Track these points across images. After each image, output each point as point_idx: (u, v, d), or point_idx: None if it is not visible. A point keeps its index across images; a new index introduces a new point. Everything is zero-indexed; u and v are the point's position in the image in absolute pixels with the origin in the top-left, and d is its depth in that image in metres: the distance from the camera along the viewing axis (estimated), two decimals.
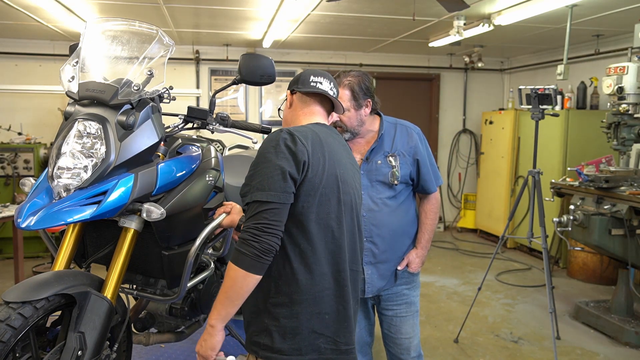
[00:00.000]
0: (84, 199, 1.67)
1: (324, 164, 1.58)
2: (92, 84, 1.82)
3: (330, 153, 1.63)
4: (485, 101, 7.35)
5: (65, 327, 1.64)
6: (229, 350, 2.87)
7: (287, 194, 1.51)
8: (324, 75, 1.78)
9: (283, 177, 1.50)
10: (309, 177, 1.55)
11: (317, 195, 1.56)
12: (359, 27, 5.15)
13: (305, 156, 1.54)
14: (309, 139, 1.58)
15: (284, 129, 1.59)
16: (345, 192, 1.64)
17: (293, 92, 1.79)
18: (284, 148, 1.54)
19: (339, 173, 1.62)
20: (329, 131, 1.74)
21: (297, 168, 1.53)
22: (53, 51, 5.96)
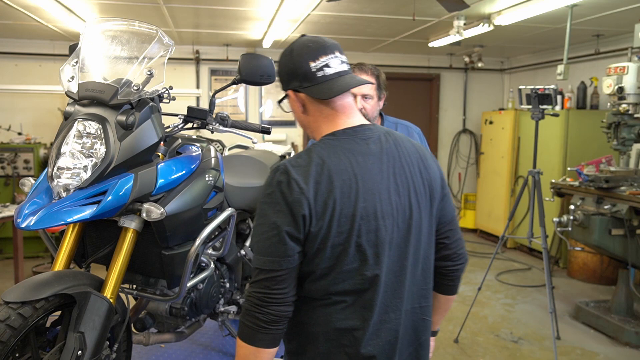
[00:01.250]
0: (84, 198, 1.67)
1: (333, 206, 1.21)
2: (91, 84, 1.82)
3: (347, 184, 1.23)
4: (485, 101, 7.35)
5: (65, 327, 1.64)
6: (229, 350, 2.88)
7: (289, 257, 1.22)
8: (321, 49, 1.29)
9: (280, 240, 1.21)
10: (313, 231, 1.21)
11: (328, 248, 1.23)
12: (359, 27, 5.15)
13: (304, 208, 1.20)
14: (312, 176, 1.22)
15: (281, 166, 1.25)
16: (370, 231, 1.23)
17: (298, 91, 1.33)
18: (279, 196, 1.21)
19: (360, 209, 1.23)
20: (358, 140, 1.29)
21: (296, 224, 1.20)
22: (53, 51, 5.96)
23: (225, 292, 2.53)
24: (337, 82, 1.28)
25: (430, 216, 1.36)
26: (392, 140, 1.34)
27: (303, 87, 1.29)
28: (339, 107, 1.32)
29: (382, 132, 1.34)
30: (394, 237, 1.28)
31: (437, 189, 1.37)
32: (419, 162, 1.35)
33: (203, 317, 2.52)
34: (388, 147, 1.32)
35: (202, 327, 2.64)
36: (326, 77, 1.28)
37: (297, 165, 1.24)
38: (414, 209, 1.31)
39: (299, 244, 1.23)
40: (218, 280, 2.43)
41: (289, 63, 1.31)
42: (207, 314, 2.51)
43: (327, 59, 1.29)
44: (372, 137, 1.31)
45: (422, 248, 1.35)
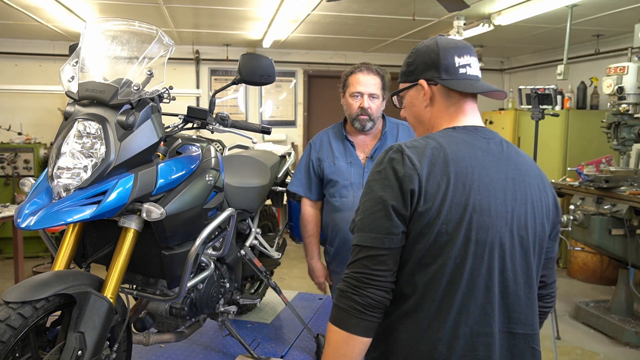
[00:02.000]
0: (84, 199, 1.67)
1: (445, 191, 1.14)
2: (91, 84, 1.82)
3: (464, 172, 1.17)
4: (485, 101, 7.34)
5: (65, 327, 1.64)
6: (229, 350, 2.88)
7: (392, 236, 1.15)
8: (467, 50, 1.30)
9: (386, 214, 1.15)
10: (420, 210, 1.14)
11: (433, 234, 1.15)
12: (359, 27, 5.15)
13: (414, 183, 1.14)
14: (427, 157, 1.17)
15: (395, 145, 1.21)
16: (481, 227, 1.15)
17: (431, 82, 1.28)
18: (390, 172, 1.17)
19: (473, 201, 1.15)
20: (479, 137, 1.25)
21: (404, 200, 1.14)
22: (53, 51, 5.96)
23: (225, 292, 2.53)
24: (477, 83, 1.28)
25: (542, 240, 1.26)
26: (513, 149, 1.28)
27: (441, 79, 1.26)
28: (467, 107, 1.29)
29: (503, 139, 1.29)
30: (506, 242, 1.18)
31: (552, 216, 1.29)
32: (538, 180, 1.26)
33: (203, 317, 2.52)
34: (509, 152, 1.26)
35: (202, 327, 2.63)
36: (466, 76, 1.27)
37: (413, 146, 1.20)
38: (530, 220, 1.22)
39: (404, 222, 1.15)
40: (218, 280, 2.43)
41: (431, 53, 1.27)
42: (207, 314, 2.51)
43: (471, 60, 1.29)
44: (494, 139, 1.26)
45: (533, 267, 1.24)
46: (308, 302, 3.72)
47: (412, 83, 1.31)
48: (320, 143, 2.41)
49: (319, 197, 2.43)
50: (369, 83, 2.21)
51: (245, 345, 2.71)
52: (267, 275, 2.81)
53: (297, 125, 6.75)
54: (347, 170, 2.28)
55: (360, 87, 2.21)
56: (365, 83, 2.21)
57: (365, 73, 2.23)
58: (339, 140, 2.35)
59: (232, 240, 2.43)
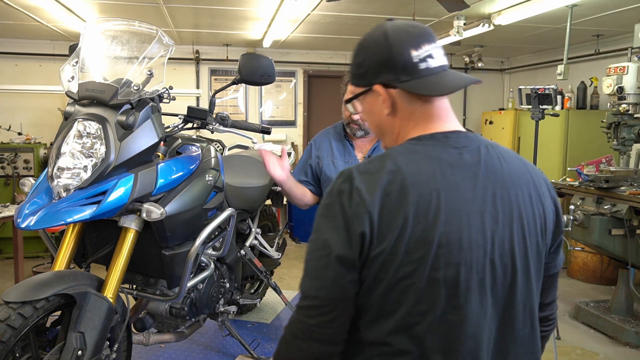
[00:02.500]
0: (84, 199, 1.68)
1: (403, 227, 0.93)
2: (91, 84, 1.82)
3: (426, 200, 0.95)
4: (485, 101, 7.35)
5: (65, 327, 1.64)
6: (229, 350, 2.87)
7: (338, 286, 0.96)
8: (424, 35, 1.03)
9: (330, 263, 0.95)
10: (373, 254, 0.94)
11: (391, 280, 0.95)
12: (359, 27, 5.15)
13: (363, 224, 0.93)
14: (380, 185, 0.95)
15: (346, 172, 1.00)
16: (450, 264, 0.94)
17: (389, 87, 1.04)
18: (337, 209, 0.96)
19: (439, 235, 0.93)
20: (449, 148, 1.01)
21: (352, 246, 0.94)
22: (53, 51, 5.96)
23: (225, 292, 2.53)
24: (444, 77, 1.01)
25: (538, 261, 1.04)
26: (496, 155, 1.03)
27: (400, 81, 1.00)
28: (437, 109, 1.04)
29: (483, 143, 1.04)
30: (486, 277, 0.96)
31: (551, 227, 1.06)
32: (530, 188, 1.03)
33: (203, 317, 2.52)
34: (489, 161, 1.01)
35: (202, 327, 2.64)
36: (430, 71, 1.00)
37: (365, 171, 0.98)
38: (518, 243, 0.99)
39: (354, 270, 0.95)
40: (218, 280, 2.43)
41: (381, 49, 1.01)
42: (207, 314, 2.51)
43: (431, 48, 1.01)
44: (469, 147, 1.02)
45: (530, 297, 1.02)
46: None
47: (365, 88, 1.08)
48: (321, 142, 2.41)
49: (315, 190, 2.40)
50: None
51: (245, 345, 2.71)
52: (267, 275, 2.81)
53: (297, 125, 6.74)
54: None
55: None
56: None
57: None
58: (338, 139, 2.36)
59: (232, 240, 2.43)
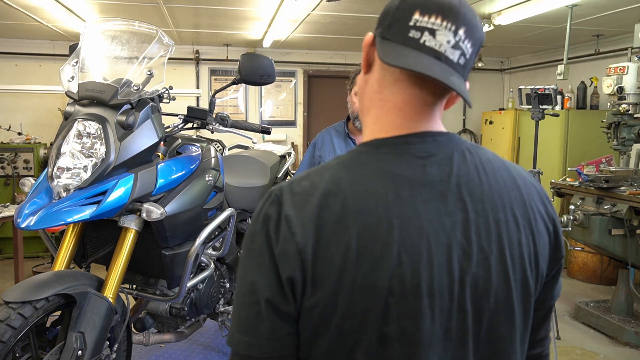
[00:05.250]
0: (84, 199, 1.68)
1: (343, 268, 0.72)
2: (91, 84, 1.82)
3: (373, 232, 0.73)
4: (485, 101, 7.35)
5: (65, 327, 1.64)
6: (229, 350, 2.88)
7: (275, 341, 0.76)
8: (443, 10, 0.75)
9: (260, 313, 0.75)
10: (308, 305, 0.74)
11: (332, 335, 0.75)
12: (359, 27, 5.15)
13: (293, 266, 0.73)
14: (313, 212, 0.74)
15: (275, 190, 0.79)
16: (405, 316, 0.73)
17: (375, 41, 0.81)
18: (263, 242, 0.75)
19: (390, 277, 0.72)
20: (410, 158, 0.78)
21: (282, 292, 0.74)
22: (53, 51, 5.96)
23: (225, 292, 2.53)
24: (420, 58, 0.74)
25: (527, 298, 0.80)
26: (474, 165, 0.79)
27: (382, 37, 0.78)
28: (409, 98, 0.78)
29: (459, 149, 0.80)
30: (452, 327, 0.75)
31: (545, 255, 0.83)
32: (517, 209, 0.80)
33: (203, 317, 2.52)
34: (464, 175, 0.78)
35: (202, 327, 2.64)
36: (417, 44, 0.74)
37: (299, 191, 0.76)
38: (496, 282, 0.77)
39: (289, 321, 0.75)
40: (218, 280, 2.43)
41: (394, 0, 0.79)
42: (207, 314, 2.51)
43: (441, 26, 0.74)
44: (437, 156, 0.78)
45: (512, 345, 0.80)
46: None
47: None
48: (322, 141, 2.42)
49: None
50: None
51: None
52: None
53: (297, 125, 6.74)
54: None
55: None
56: None
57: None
58: (340, 138, 2.36)
59: (232, 240, 2.43)
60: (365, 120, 0.85)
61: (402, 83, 0.78)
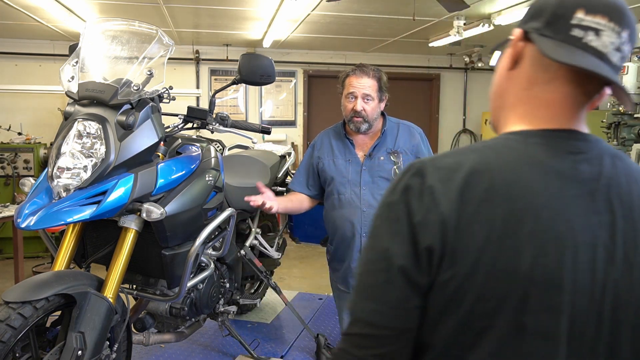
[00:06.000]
0: (84, 199, 1.68)
1: (484, 247, 0.70)
2: (91, 84, 1.82)
3: (521, 218, 0.71)
4: (485, 101, 7.32)
5: (65, 327, 1.64)
6: (229, 350, 2.88)
7: (401, 311, 0.73)
8: (609, 10, 0.73)
9: (391, 279, 0.73)
10: (443, 279, 0.71)
11: (463, 316, 0.72)
12: (359, 27, 5.15)
13: (434, 236, 0.71)
14: (458, 187, 0.72)
15: (417, 163, 0.77)
16: (545, 309, 0.70)
17: (526, 37, 0.79)
18: (403, 211, 0.74)
19: (534, 266, 0.70)
20: (561, 152, 0.76)
21: (418, 261, 0.72)
22: (53, 51, 5.96)
23: (225, 292, 2.53)
24: (587, 58, 0.72)
25: None
26: (623, 171, 0.76)
27: (538, 33, 0.76)
28: (562, 97, 0.76)
29: (608, 153, 0.78)
30: (586, 334, 0.72)
31: None
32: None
33: (203, 317, 2.52)
34: (614, 178, 0.75)
35: (202, 327, 2.64)
36: (579, 43, 0.73)
37: (442, 165, 0.75)
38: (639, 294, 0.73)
39: (420, 292, 0.72)
40: (218, 280, 2.43)
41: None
42: (207, 314, 2.51)
43: (607, 27, 0.73)
44: (588, 154, 0.76)
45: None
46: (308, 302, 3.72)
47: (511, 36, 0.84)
48: (321, 142, 2.42)
49: (315, 195, 2.44)
50: (363, 85, 2.23)
51: (245, 345, 2.71)
52: (267, 275, 2.81)
53: (297, 125, 6.75)
54: (345, 168, 2.29)
55: (354, 89, 2.23)
56: (358, 85, 2.23)
57: (359, 75, 2.24)
58: (339, 139, 2.37)
59: (232, 240, 2.43)
60: (508, 116, 0.82)
61: (557, 81, 0.77)
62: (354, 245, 2.22)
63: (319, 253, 2.50)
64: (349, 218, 2.23)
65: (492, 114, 0.89)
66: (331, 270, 2.44)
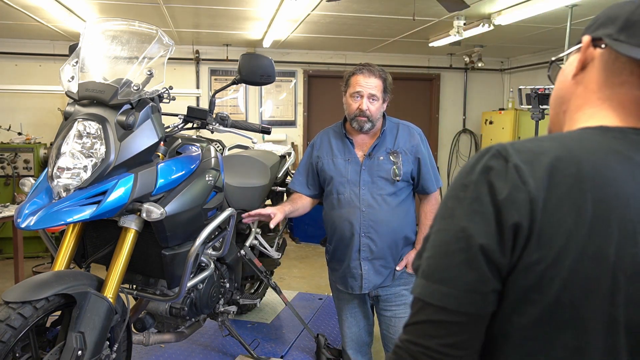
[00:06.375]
0: (84, 199, 1.68)
1: (574, 231, 0.67)
2: (91, 84, 1.82)
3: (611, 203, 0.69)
4: (485, 101, 7.35)
5: (65, 327, 1.64)
6: (229, 350, 2.88)
7: (477, 294, 0.69)
8: None
9: (470, 259, 0.69)
10: (528, 261, 0.68)
11: (546, 305, 0.68)
12: (359, 27, 5.15)
13: (521, 213, 0.67)
14: (546, 169, 0.69)
15: (495, 146, 0.74)
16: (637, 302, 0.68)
17: (598, 43, 0.80)
18: (484, 190, 0.70)
19: (625, 255, 0.67)
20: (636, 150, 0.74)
21: (502, 239, 0.68)
22: (53, 51, 5.96)
23: (225, 292, 2.53)
24: None
25: None
26: None
27: (613, 39, 0.76)
28: (635, 97, 0.76)
29: None
30: None
31: None
32: None
33: (203, 317, 2.52)
34: None
35: (202, 327, 2.64)
36: None
37: (524, 149, 0.72)
38: None
39: (499, 275, 0.69)
40: (218, 280, 2.43)
41: (625, 4, 0.80)
42: (207, 314, 2.51)
43: None
44: None
45: None
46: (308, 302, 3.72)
47: (576, 47, 0.84)
48: (321, 142, 2.42)
49: (315, 195, 2.44)
50: (370, 85, 2.23)
51: (245, 345, 2.72)
52: (267, 275, 2.81)
53: (297, 125, 6.75)
54: (344, 168, 2.29)
55: (360, 88, 2.23)
56: (365, 85, 2.22)
57: (366, 75, 2.24)
58: (338, 138, 2.36)
59: (232, 240, 2.43)
60: (575, 118, 0.81)
61: (630, 85, 0.77)
62: (353, 245, 2.22)
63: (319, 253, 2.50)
64: (348, 218, 2.23)
65: (553, 120, 0.88)
66: (330, 270, 2.44)
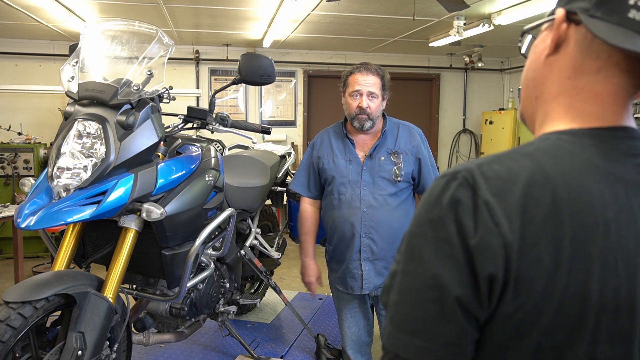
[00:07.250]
0: (84, 199, 1.68)
1: (554, 271, 0.61)
2: (91, 84, 1.82)
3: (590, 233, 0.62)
4: (485, 101, 7.35)
5: (65, 327, 1.64)
6: (229, 350, 2.88)
7: (455, 348, 0.64)
8: None
9: (446, 312, 0.62)
10: (506, 311, 0.62)
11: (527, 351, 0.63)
12: (359, 27, 5.15)
13: (496, 261, 0.61)
14: (518, 200, 0.62)
15: (462, 171, 0.65)
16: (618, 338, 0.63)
17: (572, 17, 0.67)
18: (452, 230, 0.63)
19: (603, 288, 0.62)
20: (620, 154, 0.66)
21: (477, 290, 0.62)
22: (53, 51, 5.96)
23: (225, 292, 2.53)
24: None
25: None
26: None
27: (589, 14, 0.64)
28: (613, 89, 0.67)
29: None
30: None
31: None
32: None
33: (203, 317, 2.52)
34: None
35: (202, 327, 2.64)
36: (634, 26, 0.61)
37: (494, 175, 0.64)
38: None
39: (475, 326, 0.64)
40: (218, 280, 2.43)
41: None
42: (207, 314, 2.51)
43: None
44: None
45: None
46: (308, 302, 3.72)
47: (549, 17, 0.72)
48: (321, 142, 2.42)
49: (317, 196, 2.44)
50: (368, 83, 2.23)
51: (245, 345, 2.72)
52: (267, 275, 2.81)
53: (297, 125, 6.74)
54: (345, 168, 2.29)
55: (359, 86, 2.23)
56: (364, 83, 2.23)
57: (364, 73, 2.24)
58: (339, 138, 2.36)
59: (232, 240, 2.43)
60: (549, 110, 0.72)
61: (607, 71, 0.66)
62: (353, 246, 2.22)
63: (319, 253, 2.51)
64: (349, 218, 2.23)
65: (525, 104, 0.78)
66: (330, 270, 2.44)
